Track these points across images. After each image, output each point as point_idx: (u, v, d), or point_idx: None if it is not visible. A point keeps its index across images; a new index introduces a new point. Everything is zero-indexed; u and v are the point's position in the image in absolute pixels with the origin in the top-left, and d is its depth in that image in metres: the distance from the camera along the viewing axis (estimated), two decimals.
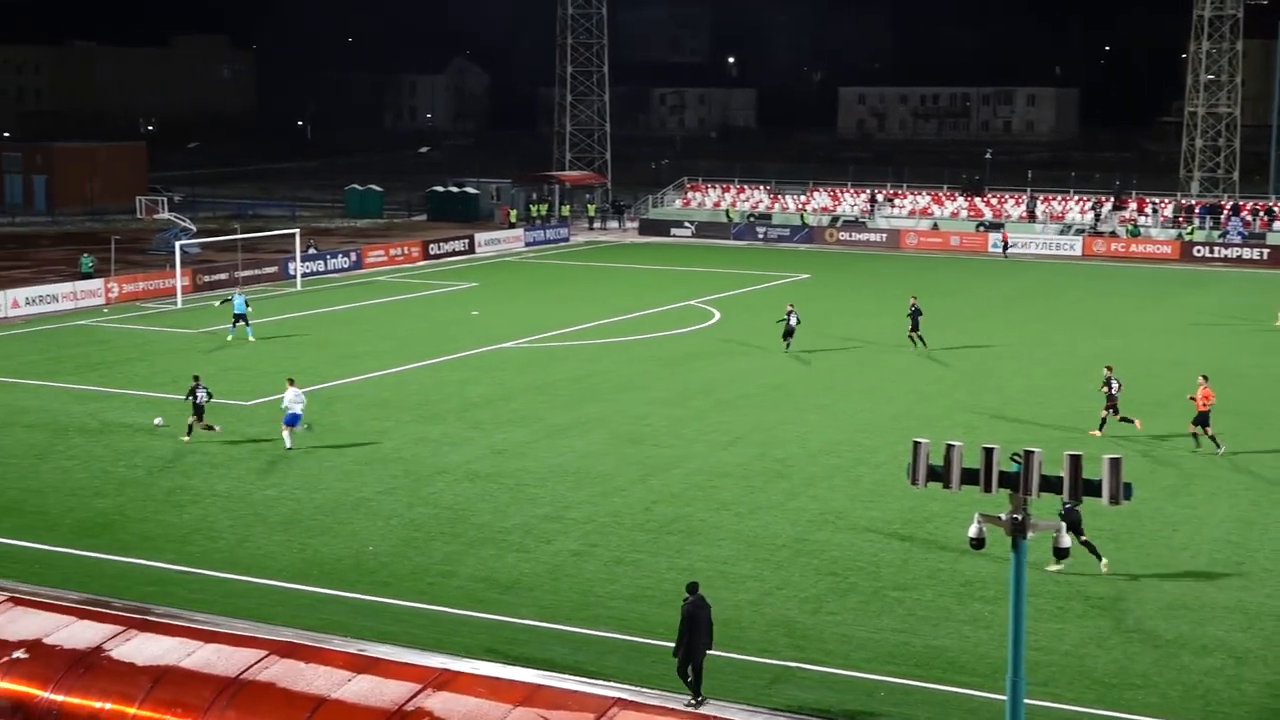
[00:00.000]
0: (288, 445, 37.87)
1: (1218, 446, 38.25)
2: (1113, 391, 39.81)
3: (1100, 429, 39.94)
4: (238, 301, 55.56)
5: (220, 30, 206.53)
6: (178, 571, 29.05)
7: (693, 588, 23.16)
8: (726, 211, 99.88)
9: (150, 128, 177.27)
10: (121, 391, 45.67)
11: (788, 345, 52.52)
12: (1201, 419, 38.24)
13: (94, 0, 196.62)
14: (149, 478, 35.78)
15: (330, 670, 17.66)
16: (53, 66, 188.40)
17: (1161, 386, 47.00)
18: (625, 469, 36.45)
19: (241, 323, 55.02)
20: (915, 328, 52.33)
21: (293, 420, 38.07)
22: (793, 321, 52.64)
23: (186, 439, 38.70)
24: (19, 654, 18.24)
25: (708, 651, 22.93)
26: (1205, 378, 39.14)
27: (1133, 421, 39.86)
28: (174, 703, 17.32)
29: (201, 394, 38.75)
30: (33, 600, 20.54)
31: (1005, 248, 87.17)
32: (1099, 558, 28.72)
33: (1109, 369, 40.80)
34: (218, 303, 58.50)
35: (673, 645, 22.87)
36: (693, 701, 22.44)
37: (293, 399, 38.13)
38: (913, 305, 52.75)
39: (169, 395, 44.89)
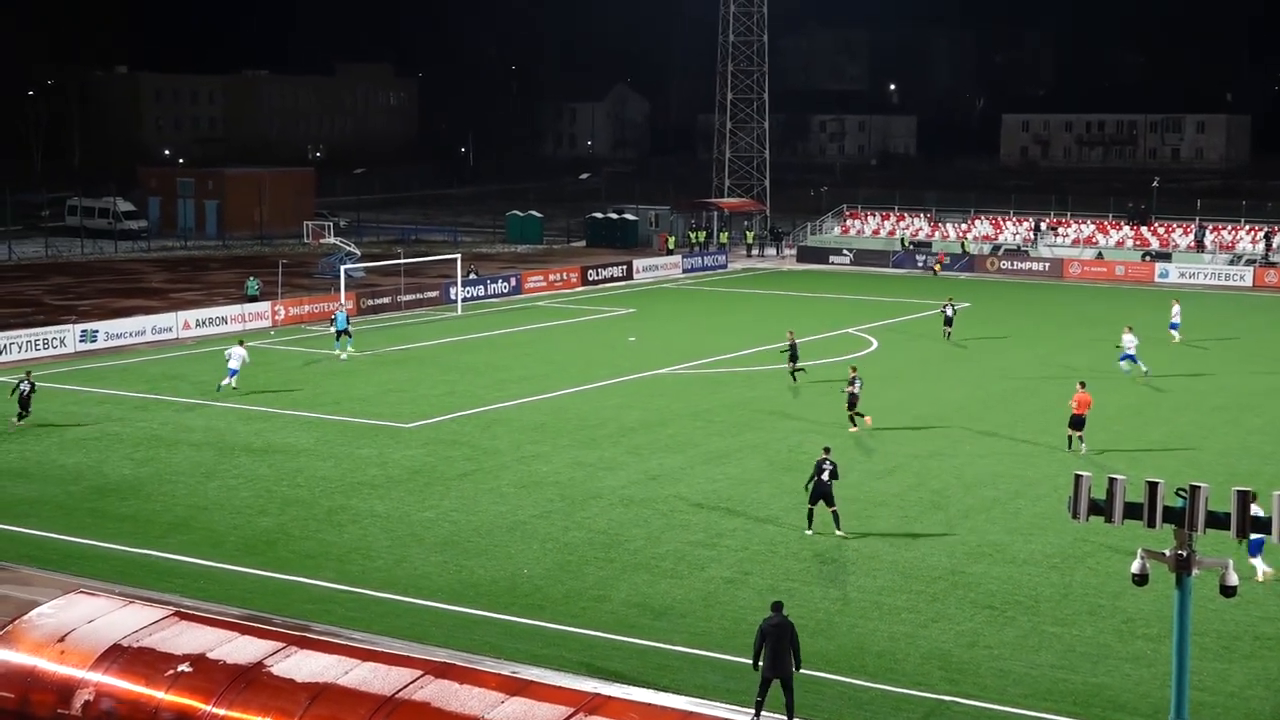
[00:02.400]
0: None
1: (1079, 445, 40.94)
2: (854, 391, 43.56)
3: (854, 425, 43.57)
4: (339, 317, 57.25)
5: (384, 59, 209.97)
6: (337, 590, 29.49)
7: (777, 606, 23.07)
8: (902, 240, 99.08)
9: (317, 154, 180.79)
10: (285, 412, 46.56)
11: (948, 334, 59.18)
12: (1076, 422, 41.15)
13: (264, 31, 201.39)
14: (311, 497, 36.41)
15: (484, 692, 17.78)
16: (225, 95, 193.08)
17: None
18: (780, 497, 36.28)
19: (345, 336, 56.99)
20: (793, 359, 51.14)
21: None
22: (949, 311, 60.76)
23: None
24: (184, 668, 18.63)
25: (798, 671, 22.86)
26: (1083, 384, 42.20)
27: (863, 416, 43.53)
28: (331, 719, 17.56)
29: None
30: (197, 615, 20.96)
31: (936, 268, 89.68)
32: (812, 526, 32.77)
33: (853, 369, 44.49)
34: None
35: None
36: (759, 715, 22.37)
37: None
38: (790, 340, 51.66)
39: (333, 416, 45.71)
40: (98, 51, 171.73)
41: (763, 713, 22.64)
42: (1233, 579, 16.89)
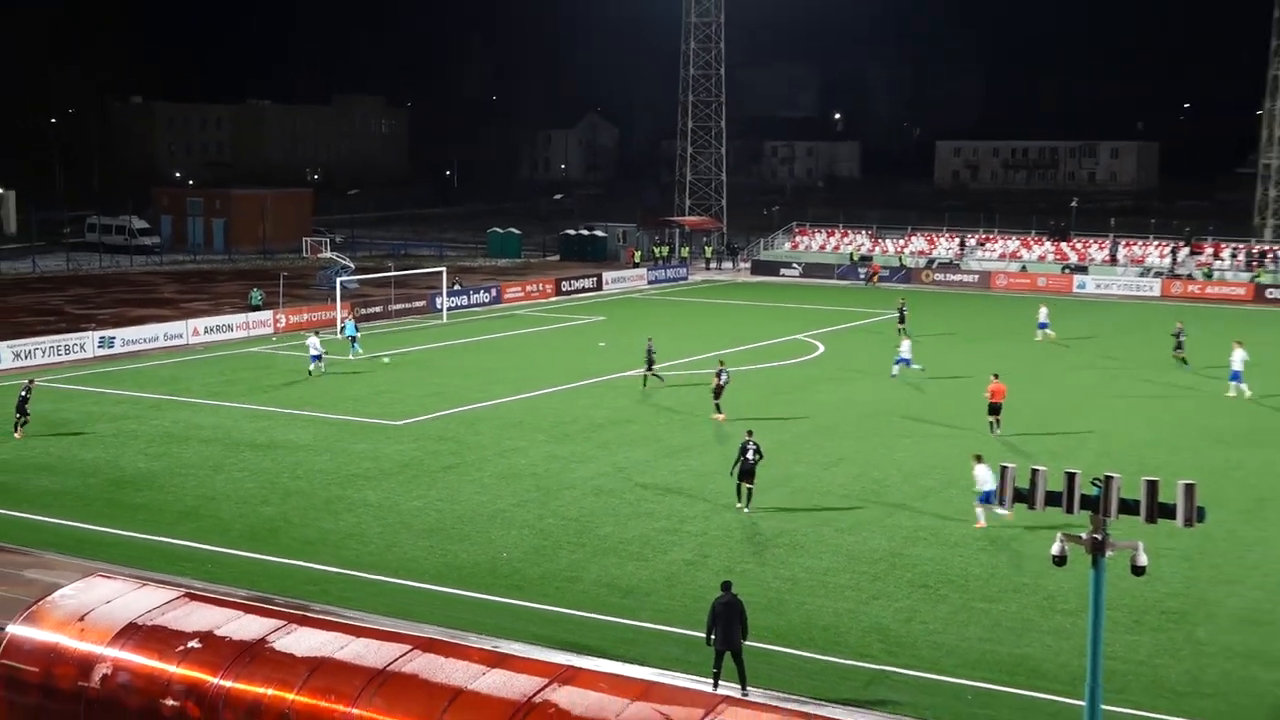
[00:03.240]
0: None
1: (995, 430, 42.36)
2: (720, 384, 44.64)
3: (719, 413, 44.62)
4: (349, 326, 57.81)
5: (377, 91, 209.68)
6: (333, 573, 29.43)
7: (725, 586, 23.17)
8: (851, 255, 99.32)
9: (315, 176, 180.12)
10: (287, 411, 46.42)
11: (901, 330, 62.55)
12: (994, 409, 42.50)
13: (268, 64, 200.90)
14: (310, 488, 36.31)
15: (467, 664, 17.76)
16: (231, 123, 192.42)
17: (1235, 416, 46.02)
18: (735, 487, 36.28)
19: (353, 343, 57.79)
20: (650, 366, 51.02)
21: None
22: (904, 310, 64.67)
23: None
24: (193, 644, 18.56)
25: (745, 643, 22.97)
26: (996, 375, 43.69)
27: (720, 412, 44.56)
28: (328, 690, 17.52)
29: None
30: (205, 596, 20.89)
31: (874, 279, 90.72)
32: (742, 501, 33.71)
33: (721, 363, 46.06)
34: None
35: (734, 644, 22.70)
36: (741, 692, 22.35)
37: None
38: (649, 346, 51.52)
39: (330, 415, 45.58)
40: (116, 83, 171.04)
41: (720, 682, 22.68)
42: (1142, 559, 16.98)
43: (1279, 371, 56.37)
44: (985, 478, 31.76)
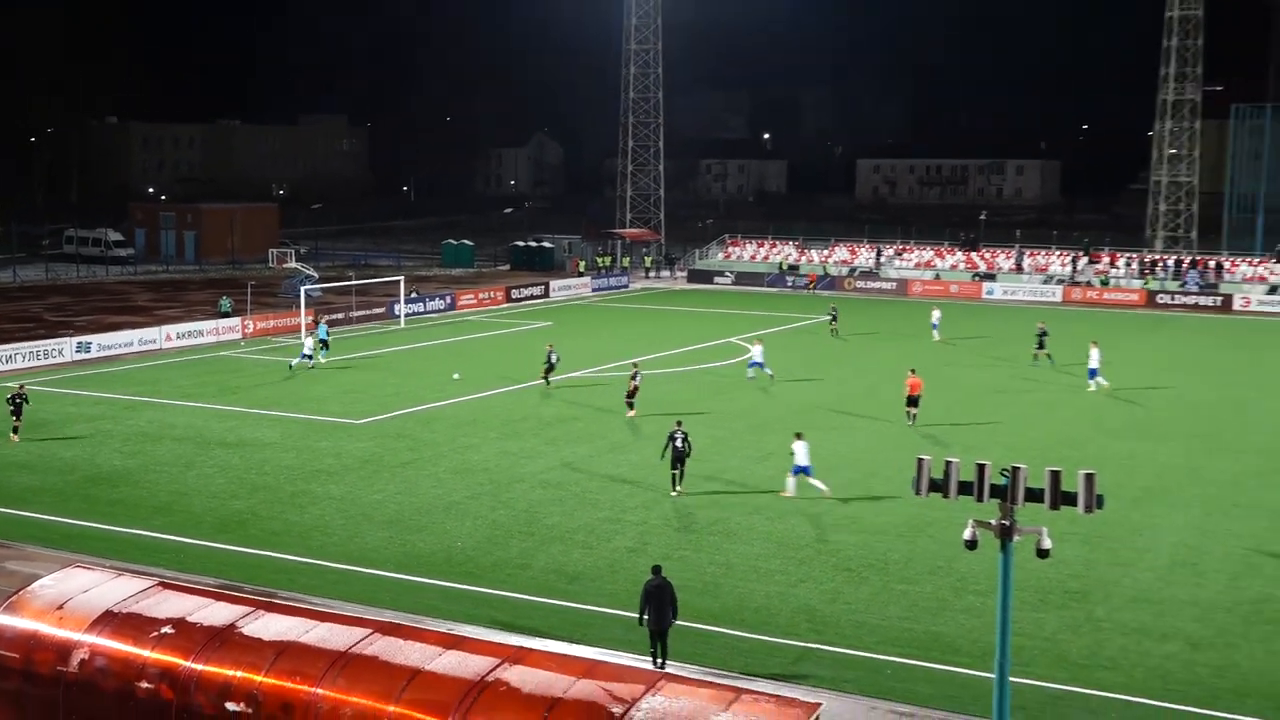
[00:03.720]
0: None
1: (911, 420, 43.28)
2: (636, 384, 44.86)
3: (631, 410, 44.82)
4: (321, 329, 57.25)
5: (340, 111, 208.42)
6: (299, 562, 29.21)
7: (656, 570, 23.17)
8: (780, 264, 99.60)
9: (281, 192, 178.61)
10: (255, 411, 46.01)
11: (834, 331, 64.00)
12: (911, 401, 43.35)
13: (237, 86, 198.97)
14: (276, 483, 36.01)
15: (424, 646, 17.68)
16: (202, 141, 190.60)
17: (1128, 411, 46.57)
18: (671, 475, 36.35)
19: (323, 347, 57.04)
20: (549, 370, 51.03)
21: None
22: (835, 313, 65.82)
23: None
24: (166, 630, 18.36)
25: (674, 623, 22.96)
26: (913, 370, 44.72)
27: (633, 409, 44.48)
28: (294, 671, 17.39)
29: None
30: (178, 585, 20.67)
31: (811, 287, 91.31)
32: (677, 486, 34.32)
33: (635, 366, 46.83)
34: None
35: (669, 624, 22.70)
36: (659, 663, 22.36)
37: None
38: (549, 351, 51.69)
39: (296, 414, 45.23)
40: (93, 103, 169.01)
41: (660, 660, 22.68)
42: (1046, 544, 17.11)
43: (1165, 369, 57.17)
44: (801, 453, 34.18)
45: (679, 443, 34.37)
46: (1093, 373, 50.87)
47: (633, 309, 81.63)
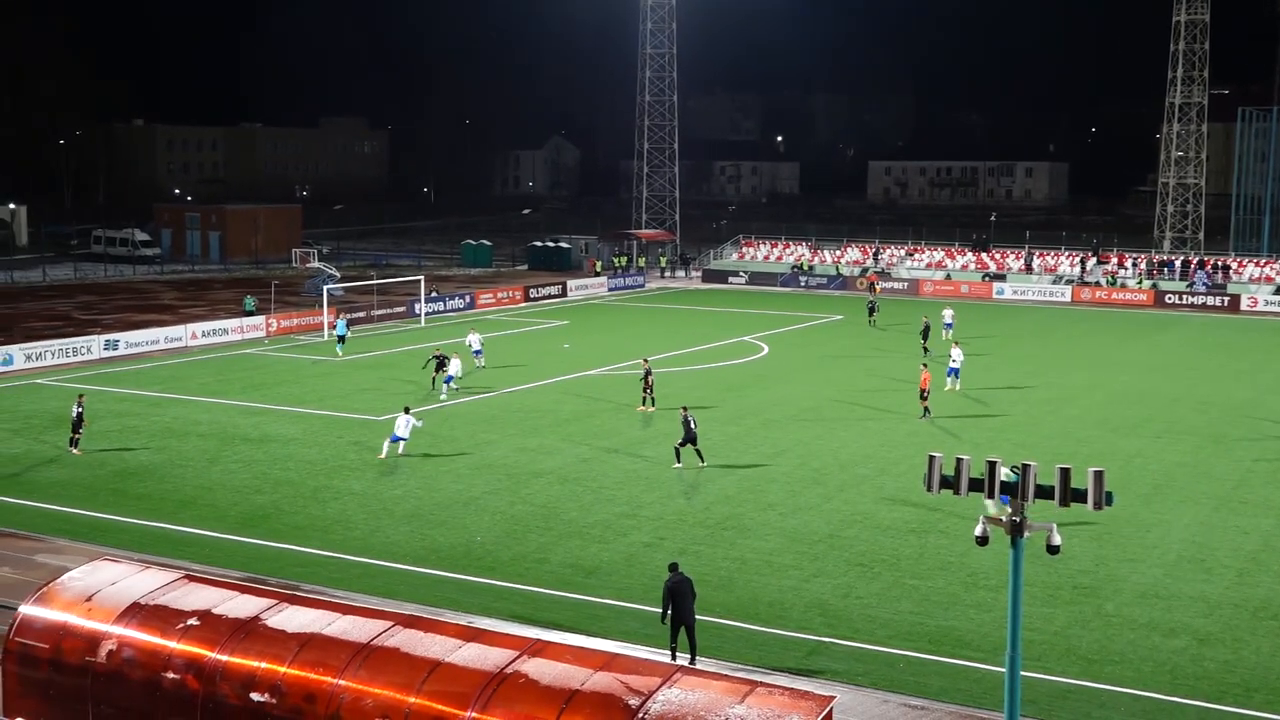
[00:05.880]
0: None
1: (927, 414, 43.70)
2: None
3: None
4: (340, 325, 57.53)
5: (361, 113, 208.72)
6: (321, 555, 29.26)
7: (673, 567, 23.14)
8: (803, 265, 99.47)
9: (303, 193, 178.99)
10: (278, 408, 46.10)
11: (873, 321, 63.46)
12: (923, 394, 43.93)
13: (260, 89, 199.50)
14: (299, 478, 36.08)
15: (444, 638, 17.69)
16: (225, 144, 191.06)
17: (1137, 409, 46.41)
18: (689, 475, 36.36)
19: (341, 342, 57.67)
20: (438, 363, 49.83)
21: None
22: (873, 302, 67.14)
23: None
24: (192, 621, 18.41)
25: (696, 618, 22.95)
26: (925, 365, 45.99)
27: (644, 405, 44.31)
28: (317, 663, 17.42)
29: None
30: (203, 578, 20.73)
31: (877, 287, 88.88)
32: (701, 461, 36.57)
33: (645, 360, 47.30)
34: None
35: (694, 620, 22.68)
36: (691, 661, 22.34)
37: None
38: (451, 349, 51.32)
39: (318, 410, 45.32)
40: (120, 107, 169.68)
41: (677, 654, 22.67)
42: (1057, 540, 17.01)
43: (1173, 368, 56.94)
44: (401, 424, 37.46)
45: (693, 424, 36.96)
46: (952, 371, 50.12)
47: (648, 308, 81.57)
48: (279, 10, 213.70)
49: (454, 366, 48.70)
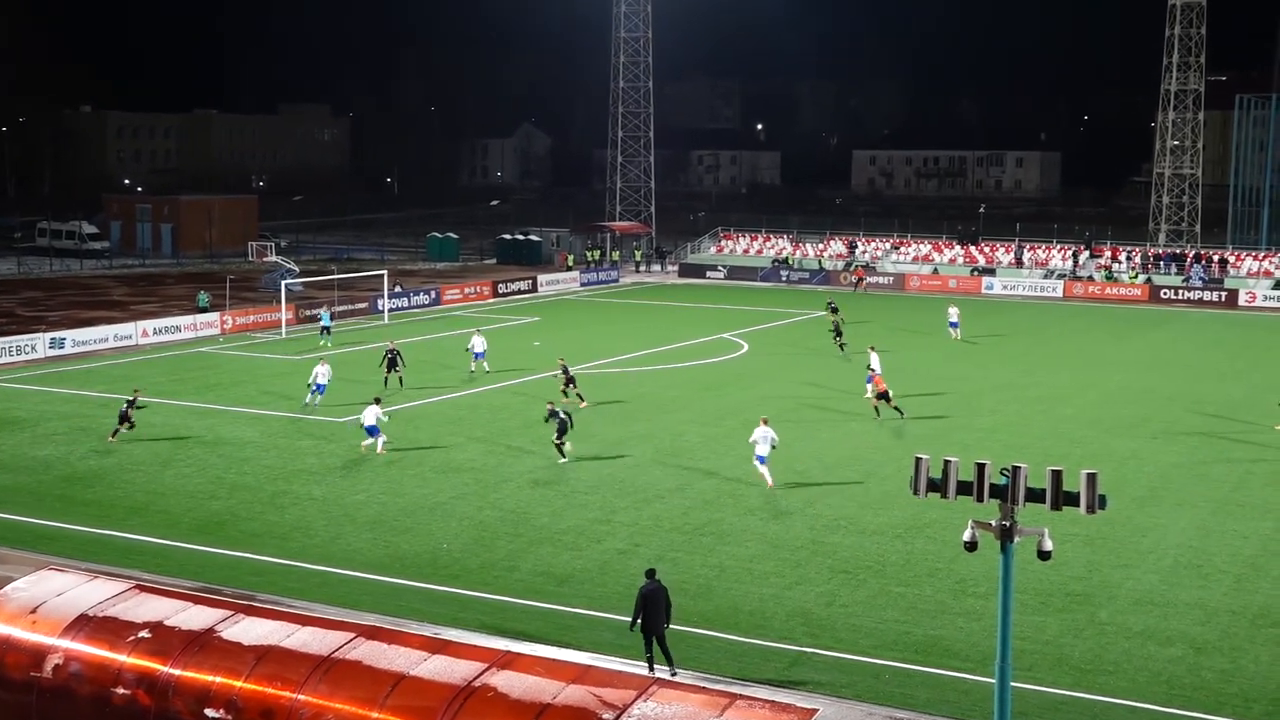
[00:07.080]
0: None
1: (900, 413, 43.67)
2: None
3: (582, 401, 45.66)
4: (324, 316, 57.72)
5: (321, 100, 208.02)
6: (279, 564, 29.16)
7: (650, 573, 23.20)
8: (786, 259, 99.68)
9: (260, 183, 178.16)
10: (234, 409, 45.93)
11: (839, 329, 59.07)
12: (883, 395, 44.00)
13: (215, 74, 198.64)
14: (256, 483, 35.95)
15: (409, 650, 17.65)
16: (179, 131, 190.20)
17: (1132, 409, 46.65)
18: (665, 479, 36.39)
19: (326, 334, 57.87)
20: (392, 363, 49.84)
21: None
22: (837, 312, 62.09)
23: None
24: (143, 634, 18.32)
25: (669, 627, 23.02)
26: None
27: (582, 401, 45.05)
28: (275, 677, 17.35)
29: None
30: (155, 588, 20.63)
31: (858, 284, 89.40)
32: (565, 456, 37.32)
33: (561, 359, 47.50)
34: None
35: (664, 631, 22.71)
36: (671, 673, 22.35)
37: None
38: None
39: (276, 412, 45.16)
40: (67, 92, 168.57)
41: (654, 665, 22.67)
42: (1048, 545, 17.10)
43: (1169, 366, 57.26)
44: (369, 415, 38.25)
45: (562, 419, 37.93)
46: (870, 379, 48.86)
47: (623, 304, 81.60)
48: None
49: (323, 373, 45.82)
